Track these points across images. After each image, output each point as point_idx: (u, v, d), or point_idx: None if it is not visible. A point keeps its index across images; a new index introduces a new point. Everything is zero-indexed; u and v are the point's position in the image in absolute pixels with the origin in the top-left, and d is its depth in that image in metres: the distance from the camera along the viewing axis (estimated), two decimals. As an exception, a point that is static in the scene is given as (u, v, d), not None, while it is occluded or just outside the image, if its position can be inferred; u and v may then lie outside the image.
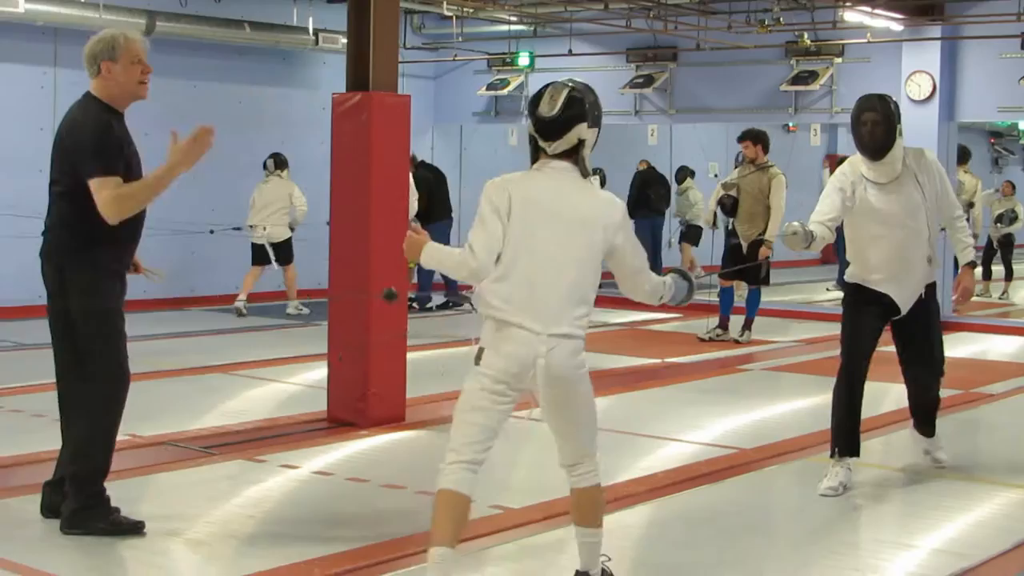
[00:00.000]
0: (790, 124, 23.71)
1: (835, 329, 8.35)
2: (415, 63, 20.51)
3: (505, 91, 20.74)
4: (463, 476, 5.36)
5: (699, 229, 21.01)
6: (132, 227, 6.69)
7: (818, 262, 26.23)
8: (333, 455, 8.74)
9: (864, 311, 7.90)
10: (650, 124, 20.54)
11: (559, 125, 5.40)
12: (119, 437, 8.89)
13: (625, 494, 7.76)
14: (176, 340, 14.38)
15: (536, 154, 5.52)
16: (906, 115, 16.50)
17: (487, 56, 21.09)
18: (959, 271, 8.15)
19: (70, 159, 6.57)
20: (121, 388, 6.70)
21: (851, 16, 16.41)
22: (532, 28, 20.51)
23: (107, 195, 6.40)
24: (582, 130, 5.42)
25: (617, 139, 22.82)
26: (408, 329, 9.97)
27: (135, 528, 6.67)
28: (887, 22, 16.57)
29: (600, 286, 5.48)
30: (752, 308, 15.10)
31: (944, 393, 9.99)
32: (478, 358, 5.36)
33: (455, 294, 18.11)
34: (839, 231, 8.08)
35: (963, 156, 19.03)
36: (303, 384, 11.51)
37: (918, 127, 16.68)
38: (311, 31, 18.77)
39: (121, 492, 7.21)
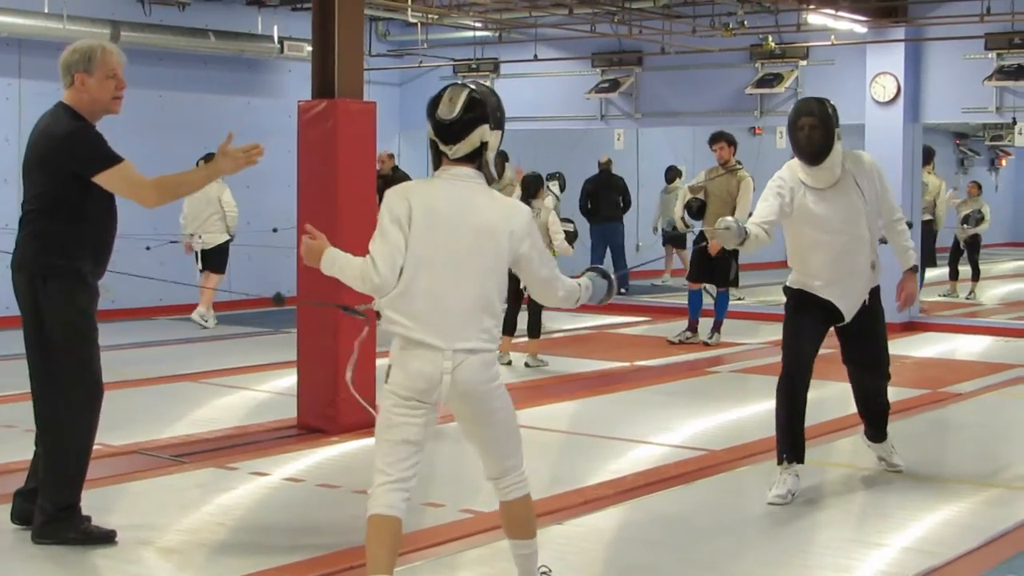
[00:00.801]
0: (756, 127, 23.81)
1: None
2: (381, 70, 20.52)
3: (471, 97, 20.71)
4: (393, 498, 5.13)
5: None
6: (108, 237, 6.72)
7: (783, 264, 26.38)
8: (304, 462, 8.75)
9: (806, 316, 7.75)
10: (616, 128, 20.59)
11: (460, 127, 5.19)
12: (90, 447, 8.90)
13: (595, 496, 7.79)
14: (144, 349, 14.35)
15: (438, 160, 5.29)
16: (871, 117, 16.89)
17: (453, 62, 21.11)
18: (902, 276, 7.98)
19: (50, 167, 6.53)
20: (94, 398, 6.69)
21: (815, 19, 16.48)
22: (497, 34, 20.55)
23: (141, 180, 6.57)
24: (484, 132, 5.23)
25: (584, 144, 22.93)
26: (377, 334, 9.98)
27: (107, 537, 6.66)
28: (851, 24, 16.66)
29: None
30: (721, 310, 15.17)
31: (912, 393, 10.07)
32: (387, 375, 5.19)
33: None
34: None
35: (928, 157, 19.13)
36: (272, 391, 11.50)
37: (883, 128, 16.84)
38: (276, 39, 18.76)
39: (92, 501, 7.20)
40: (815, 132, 7.55)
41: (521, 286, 12.89)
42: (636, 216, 22.32)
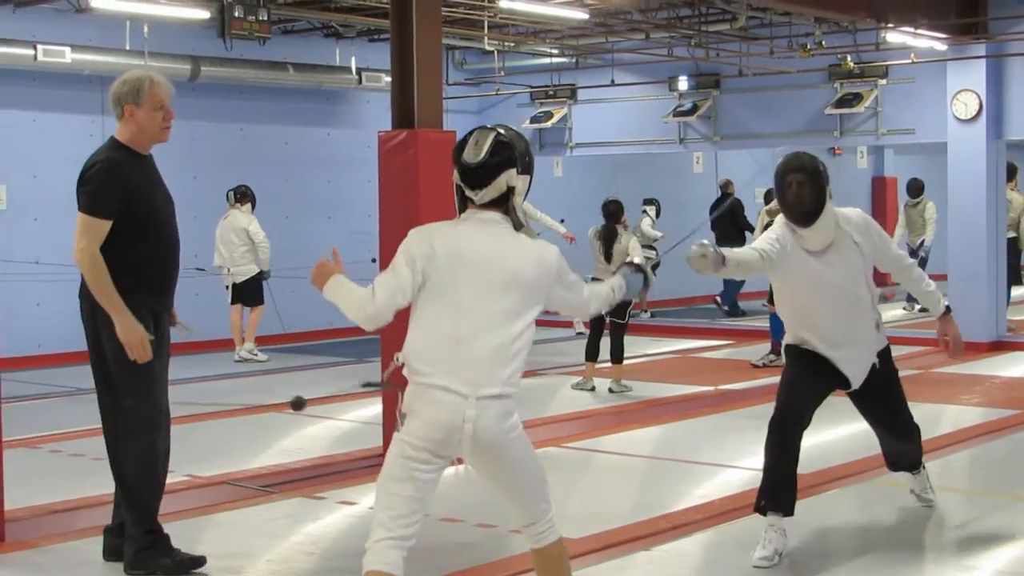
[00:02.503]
0: (835, 147, 23.67)
1: (901, 350, 8.27)
2: (458, 99, 20.61)
3: (549, 123, 20.80)
4: (393, 556, 4.86)
5: None
6: (162, 269, 6.75)
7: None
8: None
9: (808, 369, 7.12)
10: (695, 152, 20.54)
11: (486, 172, 5.00)
12: (178, 477, 9.00)
13: (682, 522, 7.76)
14: (228, 381, 14.47)
15: (463, 204, 5.11)
16: (953, 135, 16.75)
17: (530, 89, 21.17)
18: (939, 323, 7.37)
19: None
20: (153, 427, 6.72)
21: (894, 37, 16.37)
22: (574, 60, 20.59)
23: (91, 244, 6.47)
24: (511, 176, 5.03)
25: (662, 168, 22.89)
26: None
27: (196, 562, 6.72)
28: (931, 42, 16.53)
29: (652, 315, 5.41)
30: (776, 332, 14.91)
31: (1000, 414, 9.90)
32: (400, 423, 4.92)
33: None
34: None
35: (1011, 174, 18.91)
36: (358, 420, 11.56)
37: (966, 146, 16.69)
38: (354, 70, 18.90)
39: (181, 532, 7.28)
40: (804, 189, 6.92)
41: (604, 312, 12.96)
42: (717, 238, 22.21)
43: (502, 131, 5.12)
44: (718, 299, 21.22)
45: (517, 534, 7.35)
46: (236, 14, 13.85)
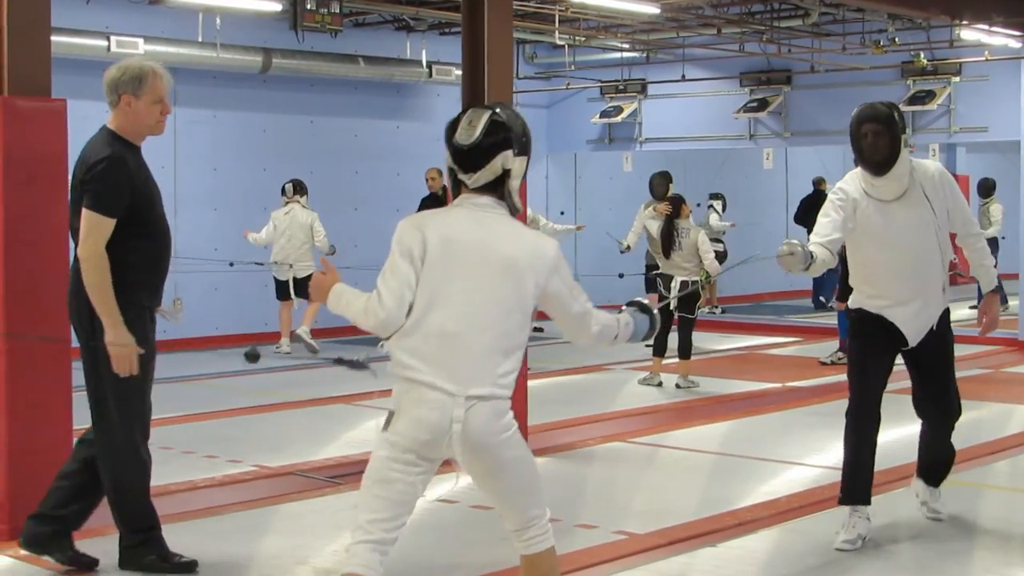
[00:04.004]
0: (909, 144, 23.47)
1: (961, 350, 8.20)
2: (528, 92, 20.60)
3: (619, 118, 20.77)
4: (372, 558, 4.65)
5: None
6: (161, 267, 6.53)
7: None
8: (457, 483, 8.77)
9: (870, 345, 7.10)
10: (765, 148, 20.45)
11: (479, 153, 4.72)
12: (246, 468, 9.08)
13: (749, 518, 7.73)
14: (297, 372, 14.54)
15: (457, 188, 4.84)
16: (1029, 133, 16.54)
17: (600, 84, 21.14)
18: (983, 298, 7.36)
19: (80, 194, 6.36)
20: (138, 429, 6.50)
21: (968, 34, 16.22)
22: (645, 55, 20.54)
23: (96, 243, 6.17)
24: (507, 158, 4.74)
25: (732, 164, 22.81)
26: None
27: (187, 567, 6.62)
28: (1005, 39, 16.37)
29: (723, 311, 5.34)
30: (843, 328, 14.87)
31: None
32: (387, 423, 4.68)
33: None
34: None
35: None
36: (424, 413, 11.56)
37: (1042, 144, 16.53)
38: (424, 63, 18.93)
39: (249, 521, 7.36)
40: (880, 139, 6.90)
41: (672, 307, 12.96)
42: (786, 234, 22.08)
43: (498, 110, 4.81)
44: (821, 298, 21.05)
45: (584, 528, 7.38)
46: (308, 6, 13.91)
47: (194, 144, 17.12)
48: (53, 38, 7.44)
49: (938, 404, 7.38)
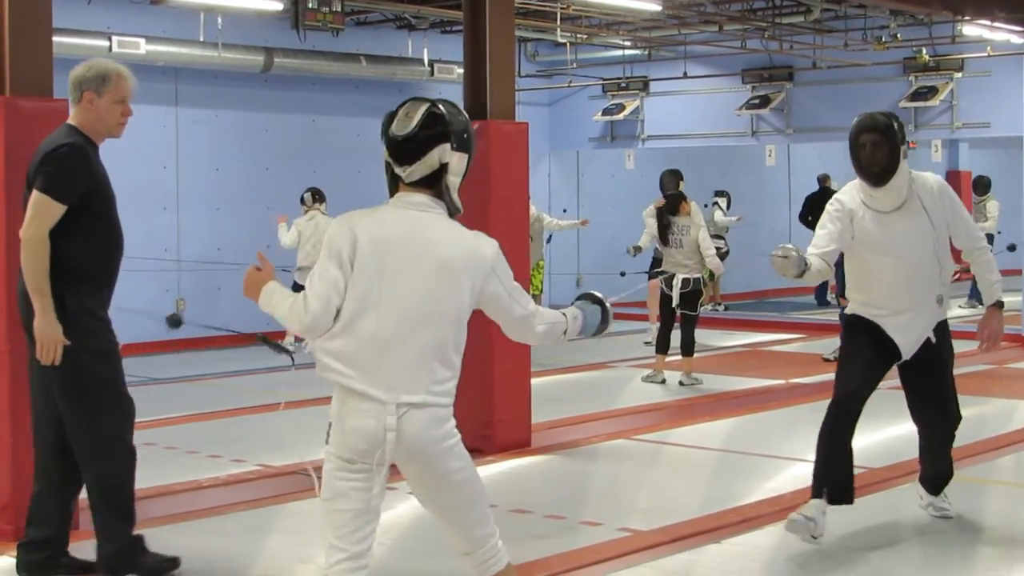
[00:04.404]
0: (910, 141, 23.47)
1: (963, 346, 8.19)
2: (530, 90, 20.60)
3: (621, 115, 20.79)
4: None
5: None
6: (109, 267, 6.38)
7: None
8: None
9: (863, 345, 7.01)
10: (767, 144, 20.45)
11: (416, 145, 4.52)
12: (250, 467, 9.07)
13: (753, 515, 7.73)
14: (301, 371, 14.50)
15: (394, 187, 4.62)
16: (1030, 128, 16.53)
17: (602, 81, 21.14)
18: (986, 312, 7.15)
19: (32, 185, 6.21)
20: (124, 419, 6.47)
21: (970, 30, 16.22)
22: (646, 52, 20.54)
23: (37, 231, 6.02)
24: (444, 151, 4.53)
25: (734, 161, 22.81)
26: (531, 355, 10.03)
27: (173, 563, 6.60)
28: (1007, 35, 16.36)
29: (726, 308, 5.32)
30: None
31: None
32: (328, 435, 4.57)
33: None
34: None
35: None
36: (428, 411, 11.56)
37: (1042, 141, 16.52)
38: (426, 62, 18.94)
39: (254, 520, 7.36)
40: (879, 149, 6.80)
41: (673, 304, 12.96)
42: (789, 232, 22.07)
43: (438, 103, 4.63)
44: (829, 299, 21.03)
45: (588, 525, 7.39)
46: (310, 5, 13.90)
47: (196, 144, 17.13)
48: (55, 39, 7.44)
49: (935, 413, 7.25)
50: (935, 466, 7.43)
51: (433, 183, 4.56)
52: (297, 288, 16.34)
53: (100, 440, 6.39)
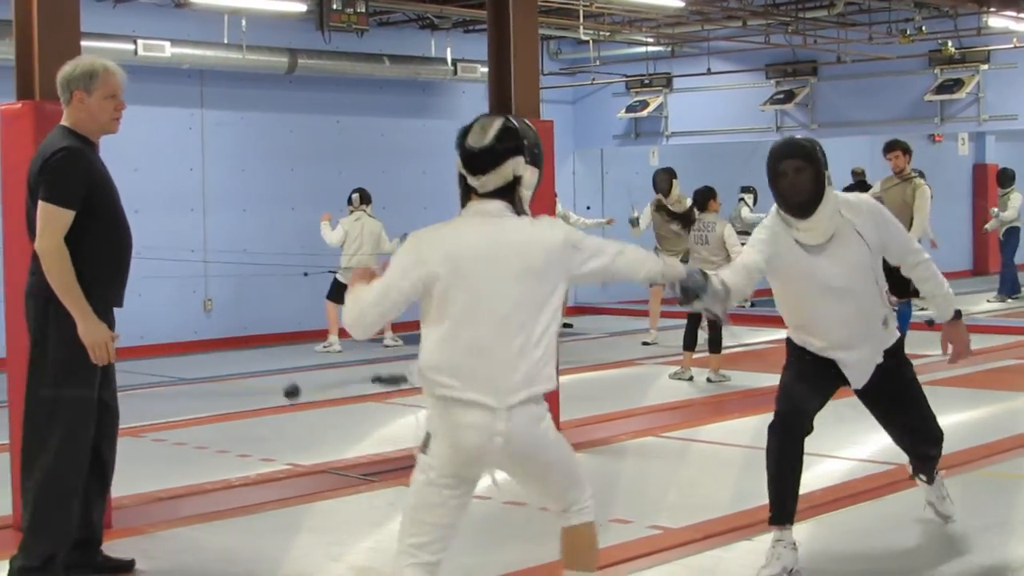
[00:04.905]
0: (936, 134, 23.42)
1: (992, 341, 8.16)
2: (554, 88, 20.60)
3: (645, 112, 20.77)
4: None
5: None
6: (120, 266, 6.39)
7: (969, 273, 25.87)
8: (488, 480, 8.77)
9: (811, 366, 6.55)
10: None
11: (491, 157, 4.68)
12: (279, 466, 9.10)
13: (784, 511, 7.70)
14: (328, 371, 14.57)
15: (466, 196, 4.78)
16: (1055, 121, 16.49)
17: (625, 78, 21.12)
18: (945, 327, 6.59)
19: (35, 190, 6.20)
20: (73, 445, 6.18)
21: (996, 21, 16.17)
22: (670, 48, 20.51)
23: (55, 237, 6.01)
24: (519, 164, 4.70)
25: (759, 156, 22.74)
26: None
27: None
28: (1033, 26, 16.31)
29: (752, 304, 5.26)
30: (903, 323, 14.86)
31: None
32: (425, 444, 4.68)
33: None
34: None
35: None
36: (455, 410, 11.58)
37: (1068, 133, 16.47)
38: (449, 61, 18.96)
39: (283, 519, 7.38)
40: (801, 176, 6.21)
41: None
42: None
43: (511, 118, 4.82)
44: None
45: (618, 523, 7.39)
46: (335, 6, 13.93)
47: (221, 145, 17.18)
48: (82, 42, 7.47)
49: (915, 435, 6.89)
50: (920, 444, 6.97)
51: (505, 194, 4.72)
52: (339, 288, 16.57)
53: (56, 446, 6.18)
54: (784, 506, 6.49)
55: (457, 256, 4.61)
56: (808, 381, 6.53)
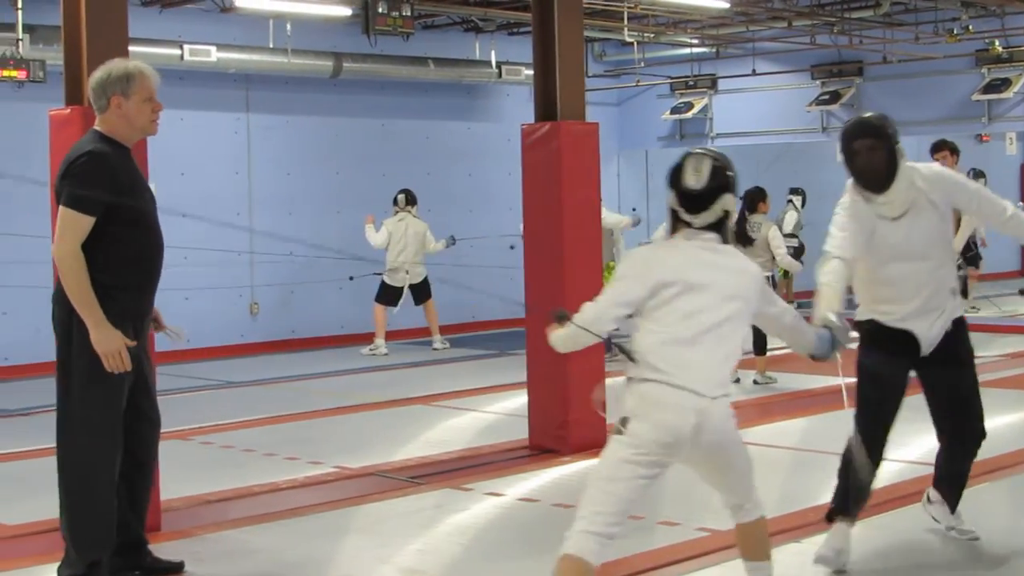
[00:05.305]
0: (983, 134, 23.26)
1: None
2: (598, 90, 20.58)
3: (689, 114, 20.74)
4: (593, 545, 4.97)
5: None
6: (148, 272, 6.31)
7: (1018, 273, 25.71)
8: (537, 481, 8.80)
9: (884, 362, 6.62)
10: (838, 141, 20.31)
11: (707, 196, 5.21)
12: (327, 469, 9.12)
13: (832, 514, 7.67)
14: (374, 374, 14.61)
15: (675, 225, 5.30)
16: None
17: (670, 80, 21.09)
18: None
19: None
20: (101, 447, 6.14)
21: (1043, 20, 16.06)
22: (714, 50, 20.47)
23: (70, 246, 5.94)
24: (727, 201, 5.25)
25: (805, 157, 22.68)
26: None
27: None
28: (1081, 24, 16.20)
29: (798, 306, 5.40)
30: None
31: None
32: (622, 426, 5.03)
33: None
34: None
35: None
36: (502, 413, 11.61)
37: (1118, 130, 16.34)
38: (494, 64, 18.97)
39: (332, 522, 7.41)
40: (875, 154, 6.34)
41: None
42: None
43: (715, 156, 5.30)
44: None
45: (665, 525, 7.38)
46: (380, 10, 13.96)
47: (267, 149, 17.27)
48: (129, 48, 7.50)
49: (961, 421, 6.80)
50: (953, 467, 6.95)
51: (716, 226, 5.25)
52: (386, 289, 16.81)
53: (86, 461, 6.16)
54: (847, 500, 6.72)
55: (684, 270, 5.14)
56: (886, 377, 6.67)
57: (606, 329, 5.20)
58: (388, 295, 16.47)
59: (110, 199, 6.01)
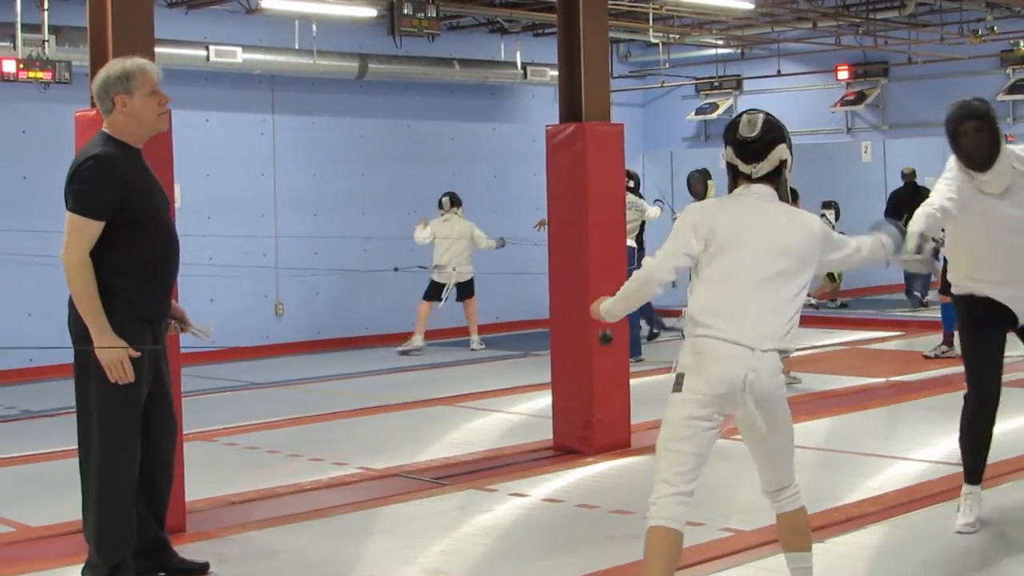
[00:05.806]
0: (1008, 134, 23.18)
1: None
2: (623, 91, 20.57)
3: (714, 115, 20.71)
4: (677, 511, 5.14)
5: None
6: (161, 274, 6.23)
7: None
8: (561, 482, 8.80)
9: (982, 331, 7.11)
10: (863, 141, 20.28)
11: (762, 146, 5.34)
12: (351, 470, 9.14)
13: (856, 514, 7.65)
14: (399, 375, 14.63)
15: (735, 181, 5.43)
16: None
17: (695, 81, 21.07)
18: None
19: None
20: (125, 447, 6.11)
21: (1069, 20, 16.00)
22: (739, 50, 20.45)
23: (77, 252, 5.88)
24: (783, 150, 5.37)
25: (830, 158, 22.61)
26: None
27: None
28: (1107, 25, 16.13)
29: (816, 307, 5.42)
30: (950, 322, 14.66)
31: None
32: (678, 384, 5.21)
33: (656, 323, 17.43)
34: None
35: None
36: (526, 414, 11.61)
37: None
38: (519, 65, 18.98)
39: (356, 522, 7.42)
40: (982, 135, 6.80)
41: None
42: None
43: (767, 112, 5.49)
44: (916, 293, 20.74)
45: (689, 526, 7.36)
46: (406, 11, 13.98)
47: (293, 150, 17.30)
48: (155, 49, 7.52)
49: None
50: None
51: (772, 177, 5.37)
52: (433, 285, 16.95)
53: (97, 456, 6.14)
54: (975, 469, 7.20)
55: (735, 224, 5.25)
56: (984, 355, 7.15)
57: (667, 279, 5.28)
58: (433, 291, 16.64)
59: (118, 202, 5.95)
